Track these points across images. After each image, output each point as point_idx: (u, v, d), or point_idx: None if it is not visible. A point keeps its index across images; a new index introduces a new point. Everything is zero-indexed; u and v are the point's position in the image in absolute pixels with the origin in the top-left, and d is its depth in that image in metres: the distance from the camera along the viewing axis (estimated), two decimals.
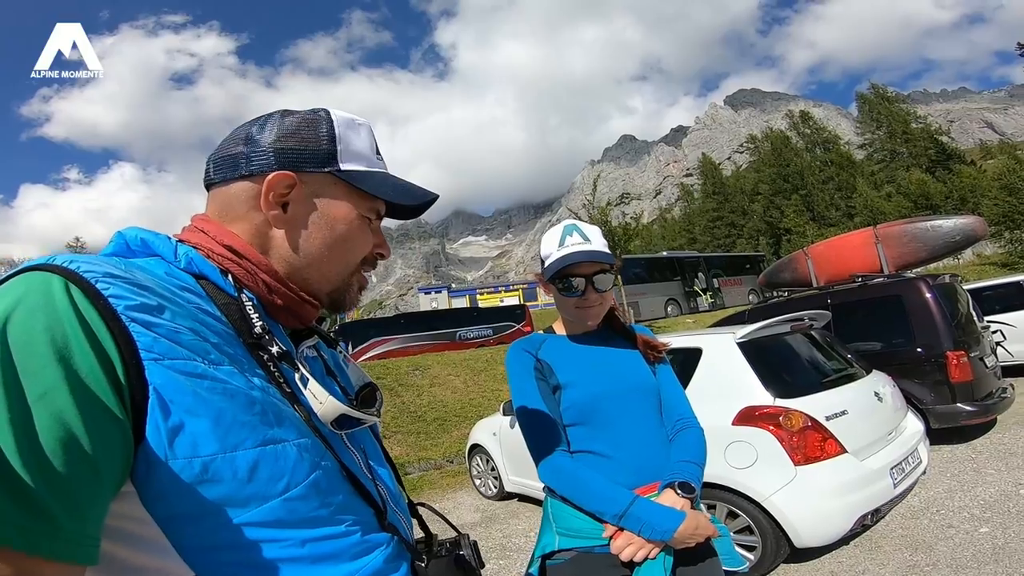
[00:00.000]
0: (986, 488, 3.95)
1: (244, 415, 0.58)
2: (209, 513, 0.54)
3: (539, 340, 1.58)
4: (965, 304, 5.78)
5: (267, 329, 0.68)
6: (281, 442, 0.59)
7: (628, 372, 1.50)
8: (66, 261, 0.55)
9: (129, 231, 0.70)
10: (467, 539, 0.83)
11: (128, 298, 0.55)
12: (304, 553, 0.58)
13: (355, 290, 0.81)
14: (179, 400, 0.53)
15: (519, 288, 60.96)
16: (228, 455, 0.55)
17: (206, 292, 0.66)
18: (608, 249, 1.51)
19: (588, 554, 1.36)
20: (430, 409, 9.90)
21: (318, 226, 0.74)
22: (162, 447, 0.52)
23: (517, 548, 4.37)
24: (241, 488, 0.55)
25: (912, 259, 8.08)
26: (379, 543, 0.66)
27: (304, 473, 0.60)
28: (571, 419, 1.45)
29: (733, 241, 53.55)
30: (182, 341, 0.57)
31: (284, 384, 0.66)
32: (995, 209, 24.98)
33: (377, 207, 0.80)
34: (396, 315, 25.25)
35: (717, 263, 25.76)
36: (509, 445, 5.40)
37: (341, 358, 0.92)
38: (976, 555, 3.05)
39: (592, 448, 1.42)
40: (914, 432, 3.82)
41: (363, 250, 0.79)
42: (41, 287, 0.51)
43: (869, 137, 55.22)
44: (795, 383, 3.60)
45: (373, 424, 0.84)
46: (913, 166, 46.33)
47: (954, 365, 4.97)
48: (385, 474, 0.81)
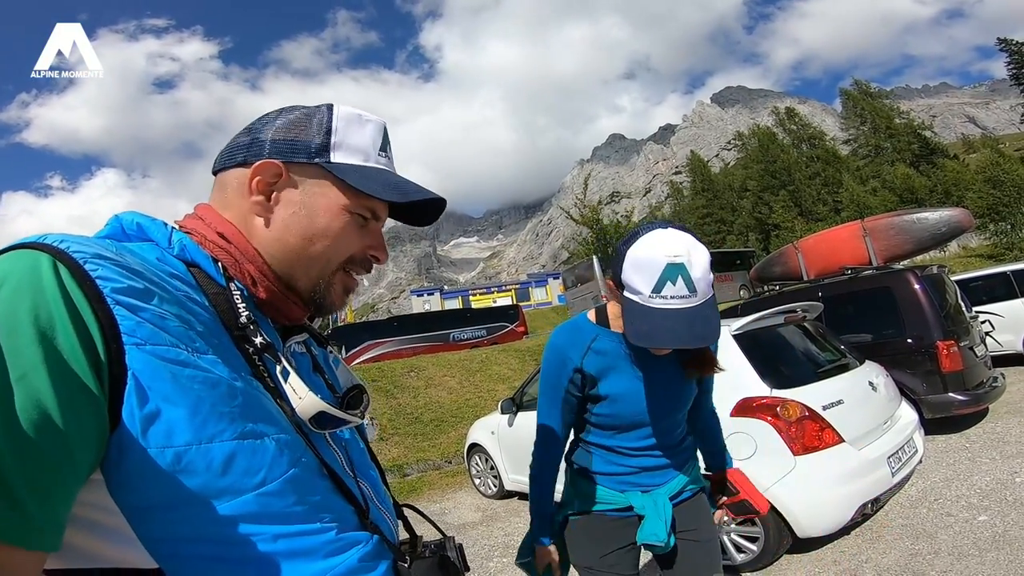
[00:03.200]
0: (982, 477, 4.01)
1: (224, 406, 0.56)
2: (179, 504, 0.53)
3: (588, 339, 1.45)
4: (953, 295, 5.86)
5: (252, 319, 0.67)
6: (260, 436, 0.59)
7: (669, 386, 1.47)
8: (57, 240, 0.54)
9: (126, 215, 0.70)
10: (452, 541, 0.83)
11: (115, 280, 0.54)
12: (276, 548, 0.57)
13: (338, 290, 0.78)
14: (157, 387, 0.52)
15: (512, 288, 61.07)
16: (203, 446, 0.54)
17: (196, 280, 0.66)
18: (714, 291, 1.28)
19: (602, 515, 1.54)
20: (426, 410, 9.88)
21: (298, 216, 0.73)
22: (135, 434, 0.51)
23: (518, 547, 4.37)
24: (214, 480, 0.54)
25: (899, 251, 8.17)
26: (356, 542, 0.65)
27: (282, 469, 0.59)
28: (603, 423, 1.50)
29: (723, 238, 53.89)
30: (167, 327, 0.56)
31: (268, 378, 0.65)
32: (979, 202, 25.36)
33: (372, 206, 0.76)
34: (389, 318, 25.17)
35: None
36: (508, 443, 5.40)
37: (331, 358, 0.90)
38: (977, 542, 3.09)
39: (610, 445, 1.53)
40: (909, 421, 3.87)
41: (346, 247, 0.75)
42: (29, 265, 0.51)
43: (854, 133, 55.74)
44: (791, 374, 3.64)
45: (360, 425, 0.83)
46: (897, 161, 46.76)
47: (944, 355, 5.03)
48: (370, 474, 0.80)
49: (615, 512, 1.52)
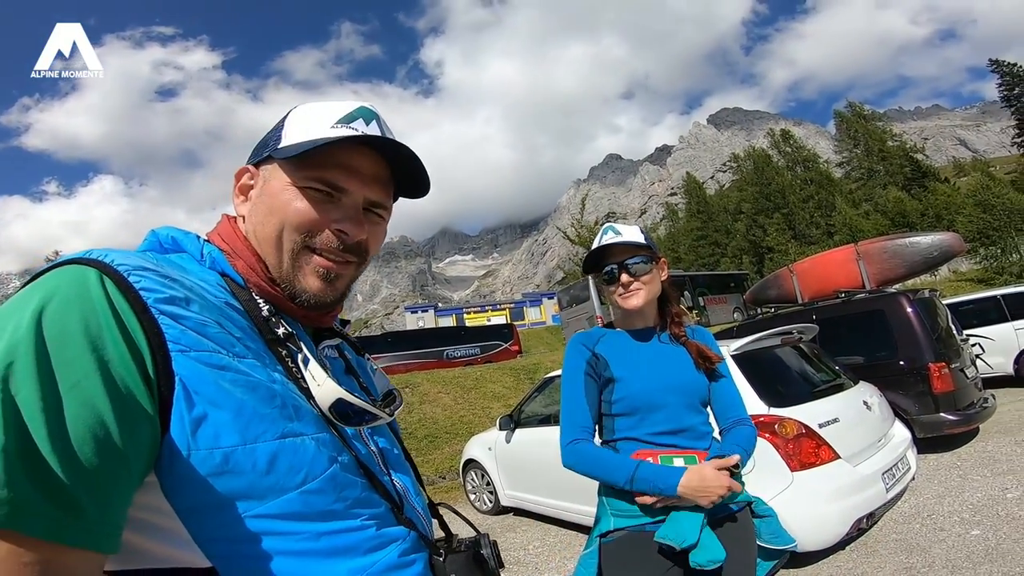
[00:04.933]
0: (973, 493, 4.08)
1: (265, 408, 0.59)
2: (228, 504, 0.55)
3: (598, 335, 1.68)
4: (944, 318, 5.99)
5: (273, 312, 0.70)
6: (300, 435, 0.61)
7: (676, 371, 1.57)
8: (101, 255, 0.57)
9: (162, 230, 0.73)
10: (487, 539, 0.82)
11: (158, 291, 0.57)
12: (319, 546, 0.59)
13: (308, 275, 0.73)
14: (203, 391, 0.55)
15: (506, 307, 60.92)
16: (248, 447, 0.56)
17: (230, 289, 0.69)
18: (647, 242, 1.60)
19: (640, 532, 1.45)
20: (420, 426, 9.87)
21: (257, 205, 0.75)
22: (185, 438, 0.53)
23: (516, 561, 4.39)
24: (260, 480, 0.56)
25: (892, 275, 8.30)
26: (395, 538, 0.67)
27: (322, 467, 0.61)
28: (621, 409, 1.55)
29: (717, 260, 54.07)
30: (208, 334, 0.58)
31: (301, 379, 0.68)
32: (970, 226, 25.69)
33: (323, 176, 0.72)
34: (383, 334, 25.07)
35: (702, 282, 25.98)
36: (506, 460, 5.43)
37: (369, 365, 0.92)
38: (970, 556, 3.15)
39: (635, 436, 1.53)
40: (902, 439, 3.96)
41: (299, 221, 0.71)
42: (77, 279, 0.53)
43: (847, 155, 56.26)
44: (787, 393, 3.72)
45: (394, 425, 0.86)
46: (890, 184, 47.25)
47: (936, 376, 5.14)
48: (404, 472, 0.82)
49: (655, 526, 1.43)
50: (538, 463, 4.77)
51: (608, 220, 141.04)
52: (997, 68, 50.46)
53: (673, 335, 1.65)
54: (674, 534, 1.36)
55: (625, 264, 1.57)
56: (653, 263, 1.60)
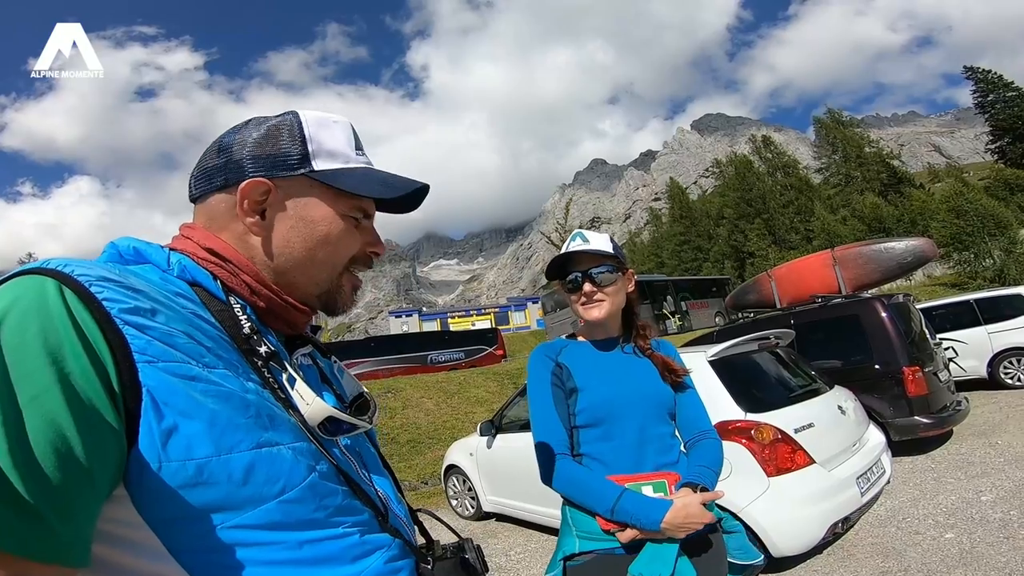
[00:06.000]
0: (948, 496, 4.15)
1: (239, 418, 0.58)
2: (204, 516, 0.54)
3: (561, 345, 1.65)
4: (918, 322, 6.09)
5: (255, 329, 0.68)
6: (276, 445, 0.60)
7: (641, 381, 1.54)
8: (61, 264, 0.55)
9: (121, 241, 0.70)
10: (471, 543, 0.83)
11: (122, 301, 0.55)
12: (302, 555, 0.59)
13: (348, 291, 0.81)
14: (173, 402, 0.53)
15: (491, 312, 60.97)
16: (223, 457, 0.55)
17: (200, 298, 0.67)
18: (614, 252, 1.55)
19: (608, 555, 1.38)
20: (403, 431, 9.79)
21: (297, 230, 0.74)
22: (155, 449, 0.52)
23: (498, 567, 4.37)
24: (236, 490, 0.55)
25: (867, 280, 8.46)
26: (380, 545, 0.67)
27: (300, 476, 0.60)
28: (584, 421, 1.50)
29: (699, 265, 54.63)
30: (176, 344, 0.57)
31: (278, 389, 0.66)
32: (944, 231, 26.14)
33: (363, 205, 0.78)
34: (366, 338, 24.94)
35: (685, 286, 26.22)
36: (487, 465, 5.41)
37: (336, 368, 0.91)
38: (944, 559, 3.20)
39: (598, 451, 1.47)
40: (876, 443, 4.01)
41: (348, 250, 0.78)
42: (35, 290, 0.51)
43: (826, 161, 57.32)
44: (764, 398, 3.75)
45: (370, 431, 0.85)
46: (867, 190, 48.17)
47: (910, 380, 5.23)
48: (383, 480, 0.81)
49: (623, 550, 1.37)
50: (519, 468, 4.75)
51: (593, 225, 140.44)
52: (972, 75, 51.40)
53: (638, 347, 1.61)
54: (649, 571, 1.30)
55: (589, 273, 1.54)
56: (619, 274, 1.56)
